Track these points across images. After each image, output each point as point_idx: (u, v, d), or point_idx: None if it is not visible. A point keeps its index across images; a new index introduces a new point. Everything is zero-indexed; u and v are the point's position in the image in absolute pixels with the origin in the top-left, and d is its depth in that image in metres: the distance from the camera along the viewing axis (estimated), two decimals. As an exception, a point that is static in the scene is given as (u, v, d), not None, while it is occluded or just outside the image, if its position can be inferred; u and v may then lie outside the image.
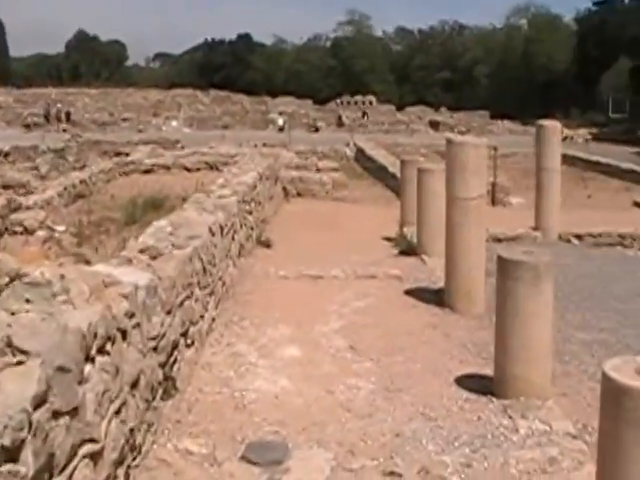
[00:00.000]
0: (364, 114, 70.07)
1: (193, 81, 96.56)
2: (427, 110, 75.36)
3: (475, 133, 57.06)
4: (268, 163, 17.07)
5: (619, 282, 12.62)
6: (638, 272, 13.81)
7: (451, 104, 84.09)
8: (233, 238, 10.60)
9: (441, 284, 10.39)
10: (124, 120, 62.64)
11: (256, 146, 37.24)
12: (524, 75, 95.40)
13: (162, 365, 6.10)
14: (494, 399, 6.80)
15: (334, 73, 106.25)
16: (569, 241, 15.80)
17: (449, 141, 9.90)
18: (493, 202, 22.58)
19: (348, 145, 36.79)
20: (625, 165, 32.76)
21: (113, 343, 4.85)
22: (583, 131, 67.51)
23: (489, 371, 7.30)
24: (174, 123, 63.04)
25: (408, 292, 10.44)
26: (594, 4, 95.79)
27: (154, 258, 6.92)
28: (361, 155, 33.07)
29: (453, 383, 7.24)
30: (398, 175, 22.41)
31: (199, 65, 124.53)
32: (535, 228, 15.75)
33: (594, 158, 34.97)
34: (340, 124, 65.24)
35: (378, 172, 27.19)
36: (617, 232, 16.09)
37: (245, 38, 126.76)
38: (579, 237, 15.90)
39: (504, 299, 6.87)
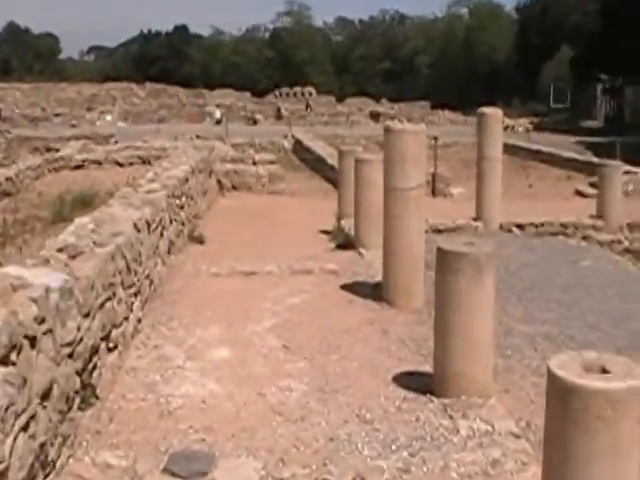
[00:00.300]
0: (307, 106, 69.60)
1: (129, 74, 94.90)
2: (367, 101, 75.01)
3: (416, 123, 56.75)
4: (201, 156, 16.63)
5: (562, 272, 12.46)
6: (580, 261, 13.65)
7: (392, 95, 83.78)
8: (162, 234, 10.18)
9: (379, 278, 10.03)
10: (57, 115, 61.35)
11: (192, 139, 36.84)
12: (465, 65, 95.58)
13: (79, 372, 5.68)
14: (434, 398, 6.46)
15: (273, 64, 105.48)
16: (510, 231, 15.61)
17: (387, 129, 9.50)
18: (433, 193, 22.34)
19: (286, 137, 36.35)
20: (566, 154, 32.65)
21: (19, 352, 4.45)
22: (524, 120, 67.67)
23: (428, 368, 6.98)
24: (108, 117, 61.98)
25: (345, 287, 10.07)
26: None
27: (73, 257, 6.51)
28: (299, 147, 32.63)
29: (391, 382, 6.88)
30: (336, 167, 22.18)
31: (135, 58, 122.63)
32: (476, 218, 15.52)
33: (535, 147, 34.86)
34: (279, 116, 64.65)
35: (316, 164, 26.83)
36: (559, 221, 15.98)
37: (182, 29, 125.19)
38: (521, 227, 15.72)
39: (444, 293, 6.52)
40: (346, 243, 12.71)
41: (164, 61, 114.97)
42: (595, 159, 29.29)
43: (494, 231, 15.38)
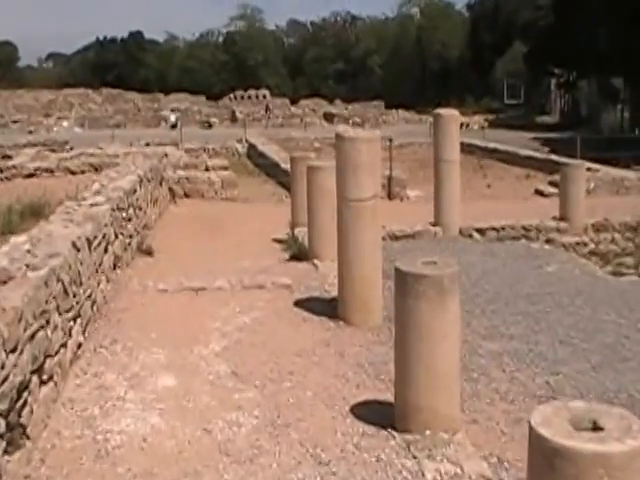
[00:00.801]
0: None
1: (86, 80, 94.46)
2: (321, 102, 74.56)
3: (370, 124, 56.70)
4: (151, 164, 16.02)
5: (526, 280, 11.98)
6: (545, 267, 13.23)
7: (346, 95, 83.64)
8: (106, 250, 9.58)
9: (335, 293, 9.51)
10: (14, 122, 60.54)
11: (148, 145, 36.17)
12: (418, 64, 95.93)
13: (5, 414, 5.10)
14: (395, 433, 5.89)
15: (227, 68, 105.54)
16: (471, 236, 15.17)
17: (339, 136, 8.94)
18: (389, 196, 21.80)
19: (240, 141, 35.73)
20: (524, 152, 32.15)
21: None
22: (479, 118, 67.63)
23: (389, 396, 6.45)
24: (65, 124, 61.09)
25: (299, 303, 9.52)
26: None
27: (4, 283, 5.95)
28: (253, 151, 31.98)
29: (349, 414, 6.33)
30: (290, 170, 21.70)
31: (91, 64, 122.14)
32: (434, 224, 15.03)
33: (492, 145, 34.29)
34: (234, 119, 64.04)
35: (270, 169, 26.24)
36: (521, 224, 15.56)
37: (137, 35, 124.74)
38: (481, 231, 15.28)
39: (404, 319, 5.95)
40: (300, 254, 12.17)
41: (120, 67, 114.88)
42: (554, 157, 28.94)
43: (454, 236, 14.94)
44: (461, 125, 52.91)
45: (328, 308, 9.24)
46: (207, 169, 21.55)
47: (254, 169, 28.87)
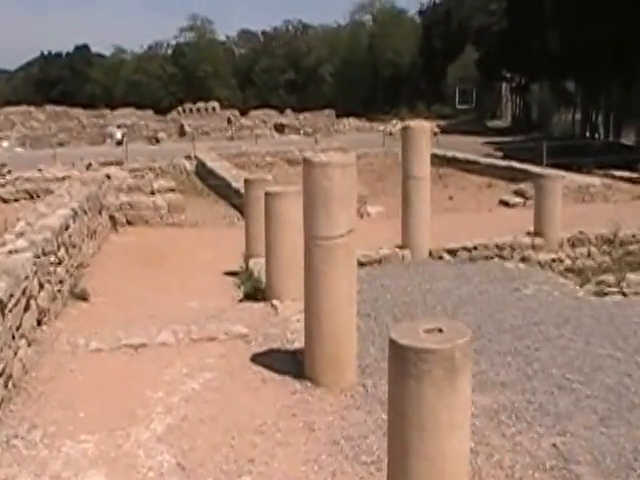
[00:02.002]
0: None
1: (29, 97, 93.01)
2: (271, 113, 73.29)
3: (322, 133, 55.39)
4: (89, 192, 14.56)
5: (507, 308, 10.81)
6: (523, 289, 12.02)
7: (296, 105, 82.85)
8: (27, 308, 8.11)
9: (299, 343, 8.16)
10: (-47, 145, 58.66)
11: (90, 165, 34.54)
12: (370, 71, 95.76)
13: None
14: None
15: (176, 81, 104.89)
16: (441, 258, 13.87)
17: (307, 162, 7.39)
18: (350, 214, 20.43)
19: (189, 158, 34.12)
20: (484, 160, 30.83)
21: None
22: (431, 124, 66.62)
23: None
24: (5, 144, 59.04)
25: (257, 358, 8.06)
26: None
27: None
28: (202, 168, 30.33)
29: (325, 524, 5.00)
30: (242, 192, 20.24)
31: (35, 80, 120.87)
32: (402, 246, 13.70)
33: (450, 154, 32.86)
34: (182, 133, 62.47)
35: (220, 188, 24.64)
36: (494, 242, 14.29)
37: (83, 49, 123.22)
38: (452, 252, 13.99)
39: (403, 405, 4.48)
40: (256, 292, 10.79)
41: (65, 82, 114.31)
42: (516, 164, 27.80)
43: (423, 259, 13.64)
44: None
45: (292, 364, 7.85)
46: (153, 192, 20.11)
47: (203, 188, 27.22)
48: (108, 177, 23.63)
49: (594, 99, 54.03)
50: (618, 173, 25.97)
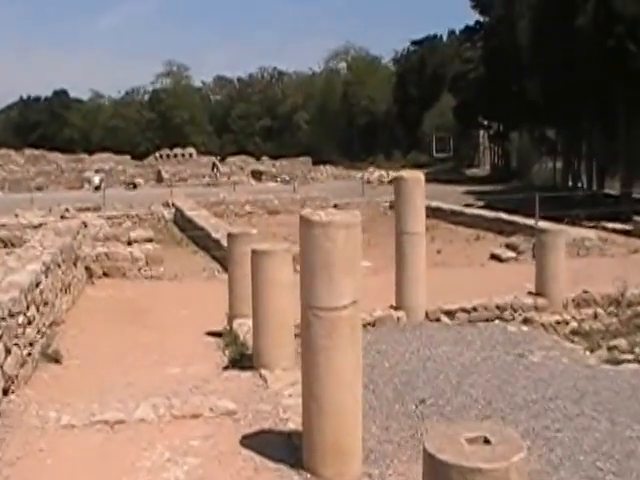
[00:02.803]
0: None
1: (9, 141, 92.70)
2: (248, 159, 72.99)
3: (299, 181, 54.77)
4: (63, 243, 13.68)
5: (515, 378, 9.97)
6: (529, 356, 11.21)
7: (272, 152, 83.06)
8: (-11, 379, 7.26)
9: (293, 423, 7.29)
10: None
11: (67, 211, 33.64)
12: (345, 119, 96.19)
13: None
14: None
15: (153, 126, 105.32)
16: (439, 320, 13.03)
17: (305, 221, 6.40)
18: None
19: (167, 205, 33.22)
20: (470, 211, 30.02)
21: None
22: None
23: None
24: (-18, 187, 58.54)
25: (247, 441, 7.10)
26: (412, 43, 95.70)
27: None
28: (180, 216, 29.43)
29: None
30: (223, 242, 19.37)
31: (15, 124, 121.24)
32: (397, 307, 12.84)
33: (435, 204, 32.03)
34: (159, 179, 61.82)
35: (200, 238, 23.72)
36: (494, 303, 13.46)
37: (62, 94, 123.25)
38: (450, 314, 13.14)
39: None
40: (242, 358, 9.91)
41: (44, 126, 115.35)
42: (504, 215, 27.01)
43: (420, 322, 12.80)
44: (391, 180, 52.16)
45: (287, 449, 6.91)
46: (130, 242, 19.23)
47: (182, 237, 26.29)
48: (85, 225, 22.80)
49: (575, 147, 53.66)
50: (610, 225, 25.15)
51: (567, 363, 11.08)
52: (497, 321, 13.25)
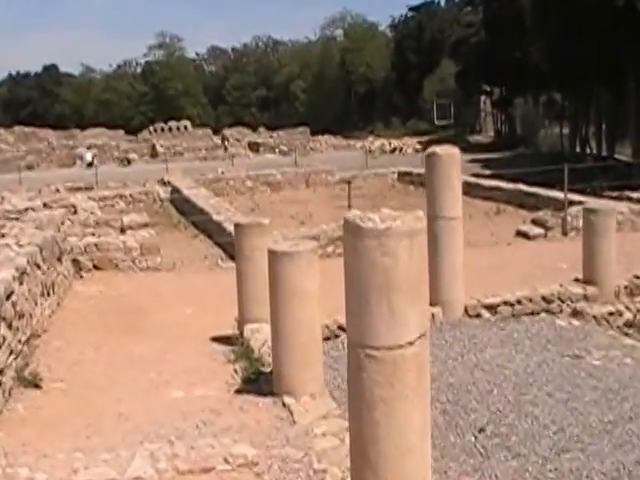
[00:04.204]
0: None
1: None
2: (245, 131, 71.09)
3: (299, 152, 52.95)
4: (44, 238, 11.90)
5: (582, 390, 8.54)
6: (586, 357, 9.78)
7: (269, 123, 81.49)
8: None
9: (331, 478, 5.65)
10: None
11: (58, 191, 31.96)
12: (343, 87, 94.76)
13: None
14: None
15: (146, 100, 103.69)
16: (479, 316, 11.32)
17: (352, 226, 4.56)
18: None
19: (163, 183, 31.30)
20: (487, 182, 27.91)
21: None
22: (411, 141, 64.90)
23: None
24: (-29, 168, 56.59)
25: None
26: (410, 9, 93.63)
27: None
28: (178, 196, 27.37)
29: None
30: (225, 226, 17.69)
31: (4, 101, 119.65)
32: (432, 302, 11.08)
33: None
34: (154, 154, 59.90)
35: (199, 220, 21.69)
36: (539, 294, 11.72)
37: (51, 69, 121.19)
38: (492, 308, 11.41)
39: None
40: (258, 378, 8.21)
41: (35, 103, 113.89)
42: (523, 187, 25.19)
43: (458, 318, 11.11)
44: (394, 150, 50.58)
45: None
46: (123, 229, 17.46)
47: (180, 220, 24.35)
48: (74, 208, 21.07)
49: (584, 111, 51.81)
50: (635, 195, 23.18)
51: (632, 365, 9.53)
52: (543, 314, 11.57)
